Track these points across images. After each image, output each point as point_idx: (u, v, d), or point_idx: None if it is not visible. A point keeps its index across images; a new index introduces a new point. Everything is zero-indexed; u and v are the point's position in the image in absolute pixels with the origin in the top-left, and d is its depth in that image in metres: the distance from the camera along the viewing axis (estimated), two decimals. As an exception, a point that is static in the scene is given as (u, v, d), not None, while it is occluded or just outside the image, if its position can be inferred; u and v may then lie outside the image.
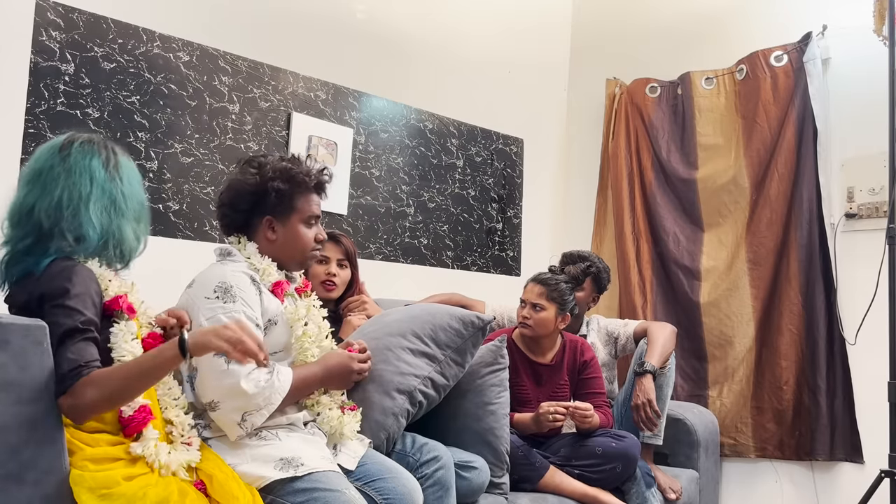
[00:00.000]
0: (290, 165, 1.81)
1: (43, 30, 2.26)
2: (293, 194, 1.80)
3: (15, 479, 1.24)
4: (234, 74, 2.71)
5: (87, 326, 1.35)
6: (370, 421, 1.86)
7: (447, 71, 3.46)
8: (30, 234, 1.40)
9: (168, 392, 1.55)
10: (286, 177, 1.79)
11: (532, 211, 3.82)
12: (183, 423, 1.53)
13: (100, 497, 1.27)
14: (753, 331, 3.25)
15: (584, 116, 3.95)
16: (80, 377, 1.30)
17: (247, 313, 1.65)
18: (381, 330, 2.02)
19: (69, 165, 1.44)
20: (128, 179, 1.51)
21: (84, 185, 1.44)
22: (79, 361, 1.31)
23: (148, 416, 1.40)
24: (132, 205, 1.51)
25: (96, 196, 1.45)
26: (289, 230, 1.81)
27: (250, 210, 1.79)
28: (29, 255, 1.39)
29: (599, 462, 2.36)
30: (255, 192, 1.78)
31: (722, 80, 3.47)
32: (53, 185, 1.42)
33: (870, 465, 2.93)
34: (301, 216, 1.82)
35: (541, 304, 2.47)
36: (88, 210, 1.43)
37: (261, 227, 1.80)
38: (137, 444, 1.37)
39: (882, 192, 2.96)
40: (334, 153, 2.97)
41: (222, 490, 1.43)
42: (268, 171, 1.78)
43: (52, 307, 1.33)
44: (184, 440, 1.51)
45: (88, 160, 1.46)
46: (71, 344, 1.32)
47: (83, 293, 1.35)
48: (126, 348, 1.40)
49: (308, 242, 1.84)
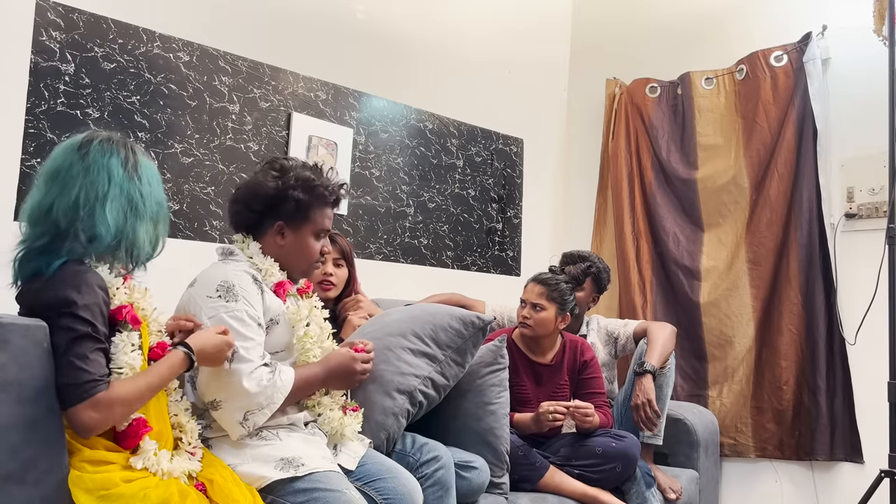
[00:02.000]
0: (312, 176, 1.80)
1: (43, 30, 2.26)
2: (310, 206, 1.80)
3: (15, 479, 1.24)
4: (234, 74, 2.71)
5: (98, 336, 1.34)
6: (370, 421, 1.86)
7: (447, 71, 3.46)
8: (46, 234, 1.38)
9: (180, 401, 1.56)
10: (307, 187, 1.78)
11: (532, 211, 3.82)
12: (193, 431, 1.53)
13: (98, 498, 1.27)
14: (753, 331, 3.25)
15: (584, 116, 3.96)
16: (97, 391, 1.29)
17: (249, 312, 1.65)
18: (382, 330, 2.02)
19: (87, 164, 1.42)
20: (147, 180, 1.48)
21: (102, 184, 1.41)
22: (94, 375, 1.30)
23: (142, 428, 1.39)
24: (150, 205, 1.48)
25: (113, 195, 1.42)
26: (298, 239, 1.81)
27: (264, 212, 1.79)
28: (43, 254, 1.37)
29: (599, 462, 2.36)
30: (274, 197, 1.77)
31: (722, 80, 3.47)
32: (72, 183, 1.40)
33: (870, 465, 2.93)
34: (313, 228, 1.82)
35: (541, 304, 2.47)
36: (104, 209, 1.40)
37: (271, 230, 1.80)
38: (137, 459, 1.36)
39: (882, 192, 2.96)
40: (334, 153, 2.97)
41: (222, 493, 1.43)
42: (290, 178, 1.77)
43: (61, 315, 1.31)
44: (189, 448, 1.51)
45: (107, 159, 1.43)
46: (82, 352, 1.30)
47: (92, 303, 1.34)
48: (124, 360, 1.38)
49: (314, 254, 1.84)
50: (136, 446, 1.38)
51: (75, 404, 1.29)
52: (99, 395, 1.30)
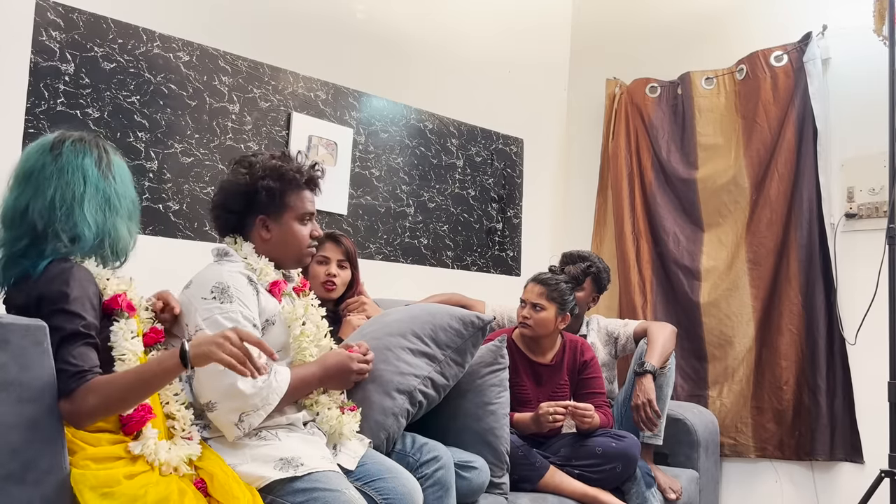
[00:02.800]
0: (279, 163, 1.79)
1: (43, 30, 2.26)
2: (284, 192, 1.79)
3: (15, 479, 1.24)
4: (234, 74, 2.71)
5: (88, 330, 1.35)
6: (370, 421, 1.86)
7: (447, 71, 3.46)
8: (24, 236, 1.39)
9: (169, 388, 1.55)
10: (276, 175, 1.77)
11: (532, 211, 3.82)
12: (185, 418, 1.53)
13: (101, 496, 1.27)
14: (753, 331, 3.25)
15: (584, 116, 3.95)
16: (83, 382, 1.30)
17: (244, 313, 1.65)
18: (382, 330, 2.02)
19: (61, 165, 1.43)
20: (120, 178, 1.51)
21: (77, 184, 1.43)
22: (82, 367, 1.31)
23: (147, 414, 1.40)
24: (125, 203, 1.51)
25: (90, 195, 1.44)
26: (283, 228, 1.80)
27: (243, 210, 1.79)
28: (25, 257, 1.38)
29: (599, 462, 2.36)
30: (247, 193, 1.76)
31: (722, 80, 3.47)
32: (46, 185, 1.41)
33: (870, 465, 2.93)
34: (294, 213, 1.81)
35: (541, 304, 2.47)
36: (83, 209, 1.42)
37: (255, 226, 1.79)
38: (136, 444, 1.37)
39: (882, 192, 2.96)
40: (334, 153, 2.97)
41: (223, 489, 1.43)
42: (258, 169, 1.77)
43: (52, 311, 1.32)
44: (184, 435, 1.51)
45: (81, 159, 1.45)
46: (72, 348, 1.31)
47: (81, 296, 1.35)
48: (126, 346, 1.40)
49: (303, 240, 1.83)
50: (139, 432, 1.39)
51: (59, 399, 1.30)
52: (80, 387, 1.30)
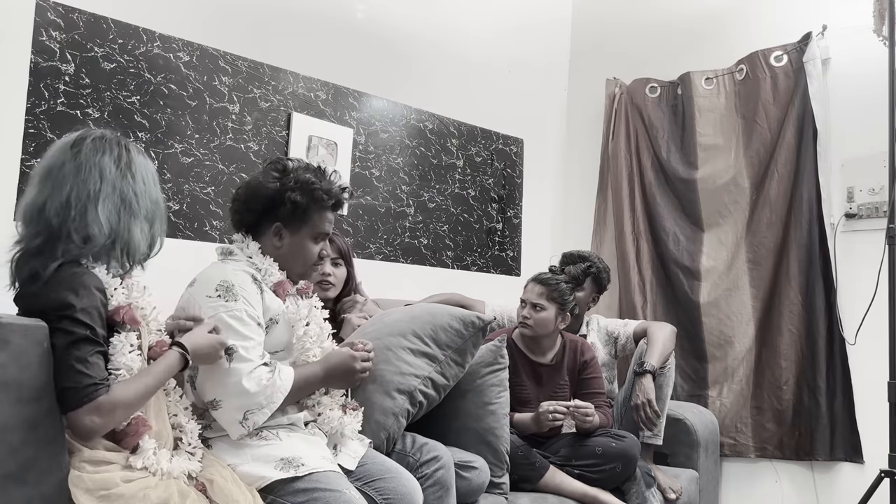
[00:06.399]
0: (313, 179, 1.78)
1: (43, 30, 2.26)
2: (309, 209, 1.78)
3: (15, 479, 1.24)
4: (234, 74, 2.71)
5: (97, 338, 1.33)
6: (370, 421, 1.86)
7: (447, 71, 3.45)
8: (41, 234, 1.37)
9: (179, 400, 1.55)
10: (306, 190, 1.77)
11: (532, 211, 3.82)
12: (193, 431, 1.53)
13: (98, 498, 1.27)
14: (753, 331, 3.25)
15: (584, 116, 3.95)
16: (98, 395, 1.29)
17: (248, 312, 1.65)
18: (382, 330, 2.02)
19: (79, 162, 1.40)
20: (141, 178, 1.47)
21: (94, 182, 1.39)
22: (95, 378, 1.30)
23: (142, 427, 1.38)
24: (144, 204, 1.46)
25: (106, 194, 1.40)
26: (296, 242, 1.80)
27: (263, 212, 1.78)
28: (38, 255, 1.36)
29: (599, 462, 2.36)
30: (273, 198, 1.76)
31: (722, 80, 3.47)
32: (64, 182, 1.38)
33: (870, 465, 2.93)
34: (312, 231, 1.81)
35: (541, 304, 2.47)
36: (97, 209, 1.38)
37: (269, 231, 1.79)
38: (137, 458, 1.36)
39: (882, 192, 2.96)
40: (334, 153, 2.97)
41: (223, 493, 1.43)
42: (290, 179, 1.76)
43: (60, 318, 1.30)
44: (189, 449, 1.50)
45: (99, 157, 1.42)
46: (81, 356, 1.29)
47: (90, 306, 1.32)
48: (122, 361, 1.37)
49: (311, 258, 1.83)
50: (137, 445, 1.38)
51: (76, 408, 1.28)
52: (101, 398, 1.29)
